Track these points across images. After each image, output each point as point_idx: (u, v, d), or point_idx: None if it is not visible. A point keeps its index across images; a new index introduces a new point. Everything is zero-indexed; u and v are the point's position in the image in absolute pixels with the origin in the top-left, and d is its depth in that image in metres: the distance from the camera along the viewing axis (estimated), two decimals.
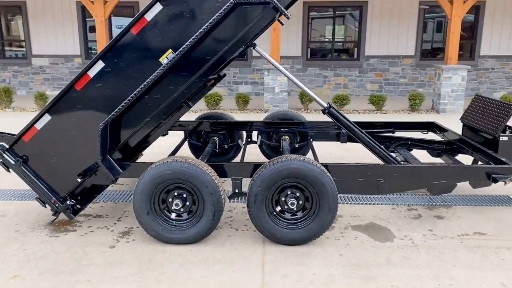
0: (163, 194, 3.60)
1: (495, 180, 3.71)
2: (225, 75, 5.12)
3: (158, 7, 3.45)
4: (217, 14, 3.33)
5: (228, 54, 3.57)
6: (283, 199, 3.59)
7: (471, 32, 11.89)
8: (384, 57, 11.88)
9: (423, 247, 3.61)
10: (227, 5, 3.31)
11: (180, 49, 3.41)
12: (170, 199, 3.60)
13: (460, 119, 5.03)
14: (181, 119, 5.21)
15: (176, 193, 3.58)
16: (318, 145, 6.18)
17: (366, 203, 4.56)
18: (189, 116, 7.91)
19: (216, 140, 5.58)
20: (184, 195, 3.59)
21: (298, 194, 3.57)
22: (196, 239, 3.61)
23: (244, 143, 5.54)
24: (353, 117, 8.83)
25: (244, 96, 9.84)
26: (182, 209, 3.61)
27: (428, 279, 3.14)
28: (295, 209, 3.58)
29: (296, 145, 5.66)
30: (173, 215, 3.64)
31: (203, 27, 3.36)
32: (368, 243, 3.69)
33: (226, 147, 5.66)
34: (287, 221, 3.60)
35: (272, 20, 3.64)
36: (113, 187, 5.00)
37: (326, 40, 12.22)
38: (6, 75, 12.77)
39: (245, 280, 3.12)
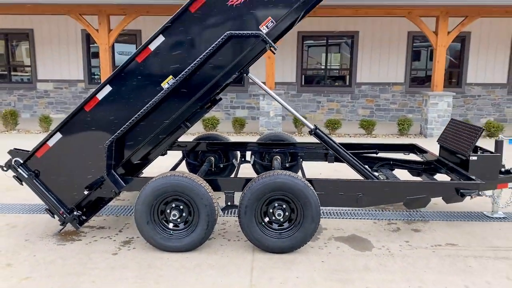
0: (162, 205, 3.96)
1: (463, 195, 4.09)
2: (220, 99, 5.55)
3: (161, 38, 3.89)
4: (213, 45, 3.77)
5: (223, 80, 4.00)
6: (271, 210, 3.95)
7: (458, 61, 12.45)
8: (375, 84, 12.41)
9: (398, 256, 3.96)
10: (222, 37, 3.75)
11: (180, 75, 3.84)
12: (168, 210, 3.96)
13: (437, 141, 5.45)
14: (179, 140, 5.62)
15: (174, 205, 3.95)
16: (309, 165, 6.57)
17: (349, 218, 4.92)
18: (187, 137, 8.31)
19: (212, 159, 5.97)
20: (181, 207, 3.96)
21: (284, 206, 3.94)
22: (191, 247, 3.96)
23: (238, 162, 5.93)
24: (343, 140, 9.24)
25: (241, 119, 10.29)
26: (179, 219, 3.97)
27: (400, 282, 3.49)
28: (281, 220, 3.94)
29: (287, 165, 6.04)
30: (171, 225, 3.99)
31: (200, 56, 3.80)
32: (348, 252, 4.04)
33: (221, 166, 6.04)
34: (274, 231, 3.96)
35: (262, 50, 4.08)
36: (114, 203, 5.35)
37: (320, 67, 12.77)
38: (11, 99, 13.24)
39: (235, 282, 3.46)
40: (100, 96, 4.00)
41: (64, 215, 4.17)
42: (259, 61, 10.81)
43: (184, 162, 6.09)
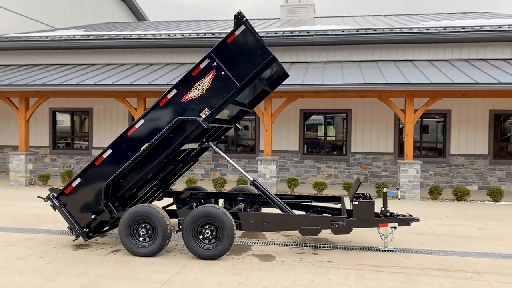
0: (135, 225, 6.21)
1: (332, 224, 6.01)
2: (196, 160, 7.90)
3: (142, 121, 6.34)
4: (169, 124, 6.16)
5: (178, 147, 6.32)
6: (203, 230, 6.06)
7: (443, 134, 14.12)
8: (368, 153, 14.28)
9: (287, 264, 5.87)
10: (174, 120, 6.14)
11: (150, 142, 6.22)
12: (139, 229, 6.19)
13: (348, 194, 7.35)
14: (173, 188, 7.92)
15: (142, 224, 6.18)
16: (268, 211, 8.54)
17: (274, 245, 6.86)
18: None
19: (194, 204, 8.14)
20: (148, 226, 6.18)
21: (212, 228, 6.04)
22: (153, 253, 6.11)
23: None
24: None
25: (244, 181, 12.52)
26: (146, 235, 6.18)
27: (273, 275, 5.40)
28: (210, 237, 6.03)
29: (248, 210, 8.10)
30: (141, 238, 6.20)
31: (163, 130, 6.18)
32: (254, 261, 6.00)
33: None
34: (205, 244, 6.04)
35: (205, 129, 6.40)
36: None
37: (319, 138, 14.92)
38: (71, 162, 16.40)
39: (169, 269, 5.55)
40: (105, 155, 6.46)
41: (78, 231, 6.52)
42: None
43: (175, 206, 8.36)
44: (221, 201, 8.32)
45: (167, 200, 8.70)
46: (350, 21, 19.02)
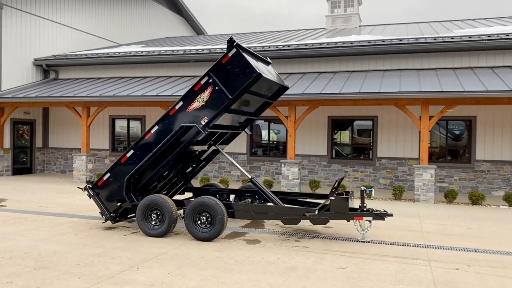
0: (149, 211, 7.67)
1: (305, 215, 7.07)
2: (209, 161, 9.27)
3: (156, 127, 7.82)
4: (175, 130, 7.57)
5: (185, 147, 7.71)
6: (200, 216, 7.38)
7: (468, 140, 14.36)
8: (393, 158, 14.86)
9: (268, 247, 7.01)
10: (179, 127, 7.54)
11: (162, 142, 7.67)
12: (152, 214, 7.65)
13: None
14: (193, 184, 9.36)
15: (154, 211, 7.63)
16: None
17: (267, 233, 8.01)
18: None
19: None
20: (158, 212, 7.62)
21: (207, 215, 7.35)
22: (161, 234, 7.53)
23: None
24: None
25: (269, 181, 13.72)
26: (157, 219, 7.62)
27: (248, 254, 6.58)
28: (206, 222, 7.34)
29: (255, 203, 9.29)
30: (153, 222, 7.65)
31: (170, 135, 7.61)
32: (241, 244, 7.21)
33: None
34: (202, 228, 7.36)
35: (206, 134, 7.74)
36: None
37: (346, 143, 15.71)
38: None
39: (168, 246, 6.92)
40: (128, 154, 8.01)
41: (107, 216, 8.11)
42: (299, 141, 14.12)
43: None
44: (232, 196, 9.61)
45: (188, 195, 10.14)
46: (389, 29, 19.58)
